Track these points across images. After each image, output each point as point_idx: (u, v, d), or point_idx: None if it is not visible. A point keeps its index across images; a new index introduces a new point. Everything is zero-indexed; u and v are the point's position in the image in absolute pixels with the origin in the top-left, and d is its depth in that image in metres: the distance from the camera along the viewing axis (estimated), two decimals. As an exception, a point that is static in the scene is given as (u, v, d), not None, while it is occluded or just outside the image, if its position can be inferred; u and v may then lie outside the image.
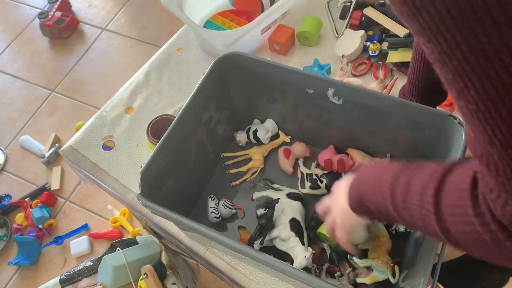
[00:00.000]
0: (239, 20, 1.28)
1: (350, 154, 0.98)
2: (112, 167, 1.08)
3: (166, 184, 0.89)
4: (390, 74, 1.12)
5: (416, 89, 0.87)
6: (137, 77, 1.23)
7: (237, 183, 1.02)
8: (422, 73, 0.82)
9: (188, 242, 0.97)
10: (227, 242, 0.71)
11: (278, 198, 0.91)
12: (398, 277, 0.79)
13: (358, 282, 0.83)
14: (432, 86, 0.85)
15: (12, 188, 1.93)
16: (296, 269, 0.68)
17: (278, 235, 0.87)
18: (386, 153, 0.96)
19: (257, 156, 1.03)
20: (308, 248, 0.84)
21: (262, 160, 1.03)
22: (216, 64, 0.92)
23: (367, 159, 0.96)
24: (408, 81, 0.89)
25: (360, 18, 1.17)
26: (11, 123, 2.14)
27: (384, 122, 0.88)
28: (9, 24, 2.54)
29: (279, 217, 0.89)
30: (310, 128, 1.02)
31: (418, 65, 0.81)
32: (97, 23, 2.45)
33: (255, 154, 1.03)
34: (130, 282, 1.05)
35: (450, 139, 0.80)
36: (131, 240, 1.18)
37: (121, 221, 1.75)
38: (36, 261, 1.73)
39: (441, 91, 0.88)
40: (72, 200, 1.87)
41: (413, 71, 0.84)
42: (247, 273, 0.92)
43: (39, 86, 2.25)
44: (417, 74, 0.83)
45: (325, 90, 0.88)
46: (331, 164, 0.96)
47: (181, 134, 0.88)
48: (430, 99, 0.88)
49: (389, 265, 0.80)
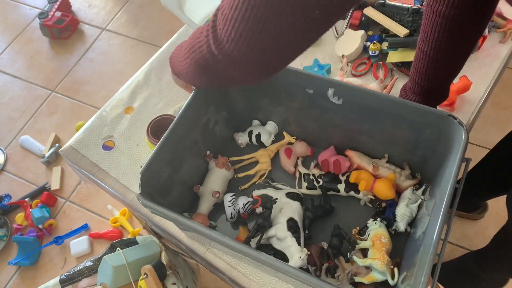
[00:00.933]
0: (239, 20, 1.28)
1: (349, 155, 0.98)
2: (112, 167, 1.08)
3: (166, 184, 0.89)
4: (390, 74, 1.12)
5: (419, 87, 0.87)
6: (137, 77, 1.23)
7: (245, 187, 1.01)
8: (426, 71, 0.82)
9: (188, 242, 0.97)
10: (227, 242, 0.71)
11: (277, 198, 0.91)
12: (397, 279, 0.79)
13: (357, 281, 0.83)
14: (434, 84, 0.85)
15: (12, 188, 1.93)
16: (296, 269, 0.68)
17: (275, 234, 0.87)
18: (386, 152, 0.96)
19: (264, 159, 1.03)
20: (304, 249, 0.84)
21: (270, 163, 1.03)
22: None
23: (365, 160, 0.96)
24: (410, 80, 0.89)
25: (360, 18, 1.17)
26: (11, 123, 2.14)
27: (384, 122, 0.88)
28: (9, 24, 2.54)
29: (277, 216, 0.89)
30: (310, 128, 1.02)
31: (422, 63, 0.81)
32: (97, 23, 2.45)
33: (262, 157, 1.03)
34: (130, 282, 1.05)
35: (450, 139, 0.80)
36: (131, 240, 1.18)
37: (121, 221, 1.75)
38: (36, 261, 1.73)
39: (443, 90, 0.88)
40: (72, 200, 1.87)
41: (416, 69, 0.84)
42: (247, 273, 0.92)
43: (39, 86, 2.25)
44: (420, 72, 0.83)
45: (325, 90, 0.88)
46: (328, 165, 0.96)
47: (180, 134, 0.88)
48: (432, 98, 0.88)
49: (388, 267, 0.80)
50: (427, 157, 0.90)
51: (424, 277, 0.65)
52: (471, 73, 1.11)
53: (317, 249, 0.89)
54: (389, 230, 0.88)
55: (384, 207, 0.92)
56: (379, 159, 0.97)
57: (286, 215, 0.89)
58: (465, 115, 1.05)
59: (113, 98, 1.20)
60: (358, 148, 0.99)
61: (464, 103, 1.07)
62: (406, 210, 0.89)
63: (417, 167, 0.95)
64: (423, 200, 0.89)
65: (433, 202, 0.81)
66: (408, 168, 0.95)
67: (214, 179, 0.98)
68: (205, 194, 0.97)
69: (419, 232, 0.81)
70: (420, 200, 0.89)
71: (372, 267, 0.82)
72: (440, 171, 0.84)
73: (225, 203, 0.94)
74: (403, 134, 0.89)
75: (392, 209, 0.91)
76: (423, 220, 0.83)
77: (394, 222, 0.90)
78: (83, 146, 1.12)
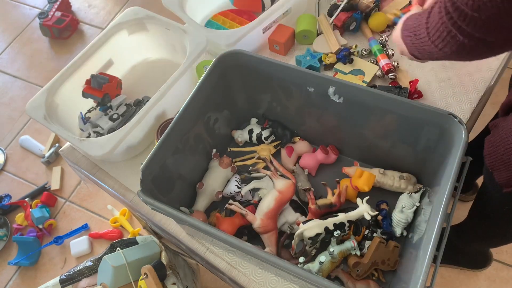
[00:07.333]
0: (240, 20, 1.28)
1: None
2: (112, 167, 1.08)
3: (167, 181, 0.89)
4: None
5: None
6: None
7: (242, 177, 1.02)
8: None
9: (188, 242, 0.96)
10: (228, 239, 0.71)
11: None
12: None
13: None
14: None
15: (12, 188, 1.93)
16: (296, 269, 0.68)
17: (286, 221, 0.92)
18: (387, 149, 0.96)
19: (264, 153, 1.04)
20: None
21: (269, 157, 1.03)
22: (217, 62, 0.92)
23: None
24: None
25: (344, 20, 1.18)
26: (11, 123, 2.14)
27: (385, 120, 0.88)
28: (9, 24, 2.54)
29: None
30: (311, 127, 1.02)
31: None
32: (97, 23, 2.45)
33: (262, 151, 1.04)
34: (130, 282, 1.05)
35: (451, 138, 0.80)
36: (131, 240, 1.18)
37: (121, 221, 1.75)
38: (36, 261, 1.73)
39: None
40: (72, 200, 1.87)
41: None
42: (247, 273, 0.91)
43: (39, 86, 2.25)
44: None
45: (325, 88, 0.88)
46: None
47: (181, 131, 0.88)
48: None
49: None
50: (427, 156, 0.90)
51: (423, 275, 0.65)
52: (471, 73, 1.11)
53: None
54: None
55: (381, 219, 0.92)
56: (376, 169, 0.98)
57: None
58: (465, 115, 1.05)
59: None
60: (358, 146, 0.99)
61: (464, 102, 1.07)
62: (401, 216, 0.90)
63: (417, 167, 0.95)
64: (418, 207, 0.90)
65: (432, 205, 0.81)
66: (413, 177, 0.96)
67: (214, 178, 0.98)
68: (204, 191, 0.97)
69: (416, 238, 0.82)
70: (415, 206, 0.90)
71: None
72: (439, 171, 0.84)
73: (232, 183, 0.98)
74: (404, 133, 0.89)
75: (388, 220, 0.92)
76: (420, 227, 0.83)
77: (393, 231, 0.91)
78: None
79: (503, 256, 1.54)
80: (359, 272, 0.85)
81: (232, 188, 0.97)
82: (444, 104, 1.07)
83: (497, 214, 0.96)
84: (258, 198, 0.97)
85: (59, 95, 1.07)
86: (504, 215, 0.94)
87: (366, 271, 0.86)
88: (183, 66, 1.02)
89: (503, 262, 1.54)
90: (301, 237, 0.86)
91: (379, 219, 0.92)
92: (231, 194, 0.97)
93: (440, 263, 0.76)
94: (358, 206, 0.88)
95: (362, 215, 0.87)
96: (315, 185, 1.00)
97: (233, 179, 0.99)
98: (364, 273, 0.86)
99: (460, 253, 1.41)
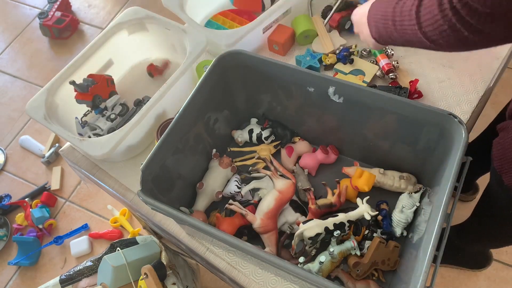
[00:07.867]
0: (240, 20, 1.28)
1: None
2: (112, 167, 1.08)
3: (167, 181, 0.89)
4: None
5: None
6: (137, 76, 1.23)
7: (242, 177, 1.02)
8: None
9: (188, 242, 0.96)
10: (228, 239, 0.71)
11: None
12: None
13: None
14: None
15: (12, 188, 1.93)
16: (296, 268, 0.68)
17: (286, 221, 0.92)
18: (387, 149, 0.96)
19: (265, 152, 1.04)
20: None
21: (269, 157, 1.03)
22: (217, 62, 0.92)
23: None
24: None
25: (339, 21, 1.17)
26: (11, 123, 2.14)
27: (385, 120, 0.88)
28: (9, 24, 2.54)
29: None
30: (311, 127, 1.02)
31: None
32: (97, 23, 2.45)
33: (262, 151, 1.04)
34: (130, 282, 1.05)
35: (450, 138, 0.80)
36: (131, 240, 1.18)
37: (121, 221, 1.75)
38: (36, 261, 1.73)
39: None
40: (72, 200, 1.87)
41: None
42: (247, 273, 0.91)
43: (39, 86, 2.25)
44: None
45: (325, 88, 0.88)
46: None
47: (181, 131, 0.88)
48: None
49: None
50: (427, 156, 0.90)
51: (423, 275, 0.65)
52: (471, 73, 1.11)
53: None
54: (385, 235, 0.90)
55: (381, 219, 0.92)
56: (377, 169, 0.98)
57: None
58: (465, 115, 1.05)
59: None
60: (358, 146, 0.99)
61: (464, 103, 1.07)
62: (401, 216, 0.90)
63: (417, 167, 0.95)
64: (418, 207, 0.89)
65: (432, 205, 0.81)
66: (413, 177, 0.96)
67: (214, 178, 0.98)
68: (204, 191, 0.97)
69: (416, 237, 0.82)
70: (415, 206, 0.90)
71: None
72: (439, 171, 0.84)
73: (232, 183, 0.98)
74: (404, 133, 0.89)
75: (388, 220, 0.92)
76: (420, 227, 0.83)
77: (393, 231, 0.91)
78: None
79: (503, 256, 1.55)
80: (359, 272, 0.85)
81: (232, 188, 0.97)
82: (444, 104, 1.07)
83: (503, 215, 0.96)
84: (258, 198, 0.97)
85: (59, 95, 1.07)
86: (510, 216, 0.94)
87: (366, 271, 0.86)
88: (183, 66, 1.02)
89: (503, 262, 1.54)
90: (301, 237, 0.86)
91: (379, 219, 0.92)
92: (231, 194, 0.97)
93: (440, 263, 0.75)
94: (358, 206, 0.88)
95: (362, 215, 0.87)
96: (315, 185, 1.00)
97: (233, 179, 0.99)
98: (364, 273, 0.86)
99: (460, 253, 1.41)
